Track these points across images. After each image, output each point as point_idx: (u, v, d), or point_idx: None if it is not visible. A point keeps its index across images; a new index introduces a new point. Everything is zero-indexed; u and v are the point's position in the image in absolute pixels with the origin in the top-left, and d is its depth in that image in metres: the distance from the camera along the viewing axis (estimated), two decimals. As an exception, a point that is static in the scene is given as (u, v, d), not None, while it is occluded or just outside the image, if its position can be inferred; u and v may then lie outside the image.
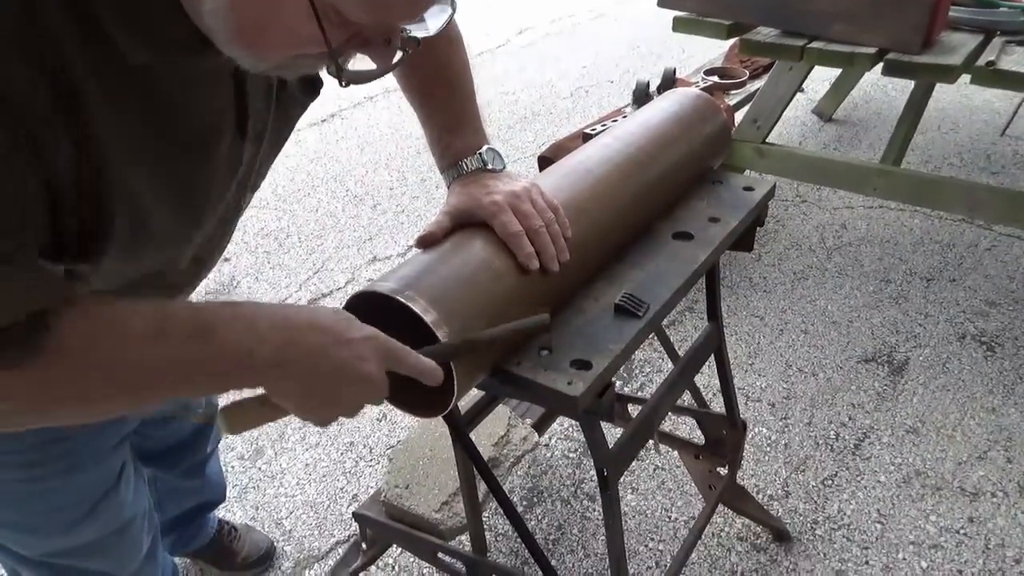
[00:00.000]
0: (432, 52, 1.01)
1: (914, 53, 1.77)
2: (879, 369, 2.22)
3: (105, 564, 1.11)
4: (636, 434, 1.18)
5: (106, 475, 1.04)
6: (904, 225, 2.93)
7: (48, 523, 1.01)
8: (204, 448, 1.45)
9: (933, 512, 1.78)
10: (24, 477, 0.94)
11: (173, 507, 1.52)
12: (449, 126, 1.01)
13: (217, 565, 1.68)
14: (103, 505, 1.04)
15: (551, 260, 0.92)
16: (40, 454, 0.93)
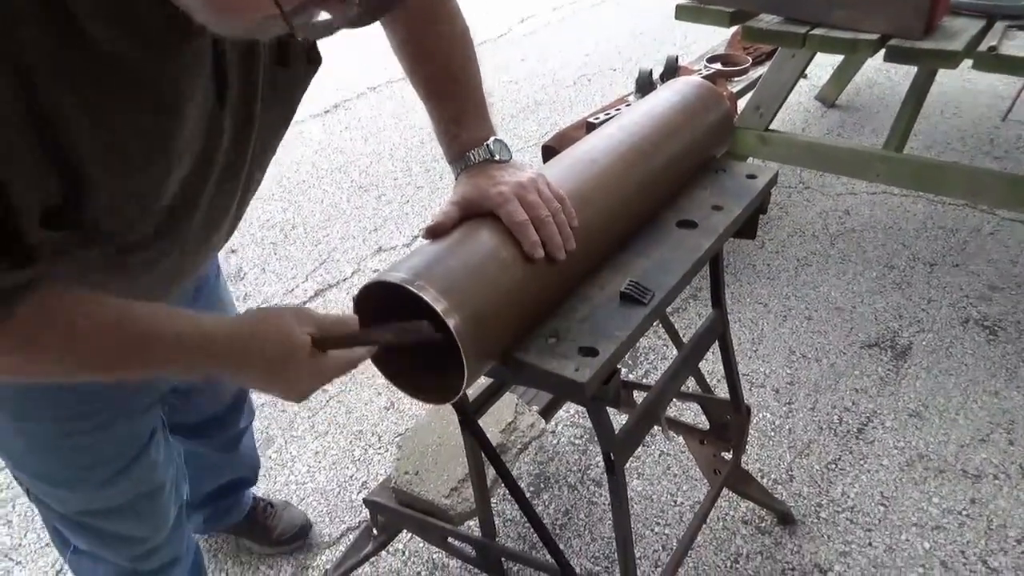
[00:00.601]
0: (438, 45, 1.03)
1: (916, 39, 1.78)
2: (882, 354, 2.24)
3: (136, 528, 1.16)
4: (642, 419, 1.20)
5: (137, 437, 1.09)
6: (907, 211, 2.94)
7: (81, 479, 1.05)
8: (237, 422, 1.50)
9: (936, 494, 1.80)
10: (59, 431, 0.99)
11: (209, 482, 1.57)
12: (455, 118, 1.02)
13: (255, 541, 1.74)
14: (135, 466, 1.09)
15: (557, 249, 0.93)
16: (73, 411, 0.98)
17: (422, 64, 1.03)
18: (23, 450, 1.02)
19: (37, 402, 0.96)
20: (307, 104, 4.05)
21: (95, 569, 1.20)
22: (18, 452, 1.03)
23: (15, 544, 1.81)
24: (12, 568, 1.76)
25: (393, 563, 1.71)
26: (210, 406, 1.40)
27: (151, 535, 1.19)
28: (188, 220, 0.82)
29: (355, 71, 4.49)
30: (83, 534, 1.14)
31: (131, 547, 1.18)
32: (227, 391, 1.41)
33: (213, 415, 1.43)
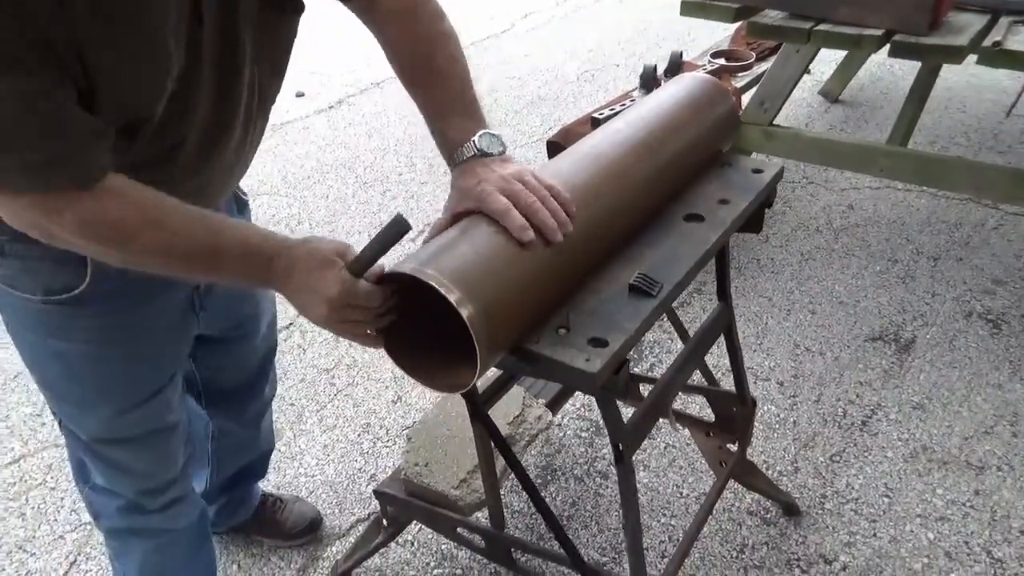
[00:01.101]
0: (420, 45, 1.06)
1: (920, 34, 1.78)
2: (886, 347, 2.25)
3: (147, 463, 1.24)
4: (650, 411, 1.22)
5: (158, 375, 1.16)
6: (911, 205, 2.95)
7: (104, 403, 1.13)
8: (263, 390, 1.56)
9: (940, 485, 1.81)
10: (88, 353, 1.07)
11: (231, 464, 1.62)
12: (440, 113, 1.05)
13: (266, 535, 1.77)
14: (152, 401, 1.16)
15: (553, 232, 0.93)
16: (104, 335, 1.06)
17: (407, 62, 1.07)
18: (57, 373, 1.11)
19: (73, 326, 1.03)
20: (312, 100, 4.07)
21: (108, 503, 1.29)
22: (54, 375, 1.11)
23: (29, 536, 1.84)
24: (27, 559, 1.78)
25: (402, 554, 1.73)
26: (239, 370, 1.46)
27: (159, 472, 1.27)
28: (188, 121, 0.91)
29: (359, 67, 4.51)
30: (101, 464, 1.22)
31: (142, 481, 1.26)
32: (254, 353, 1.46)
33: (244, 381, 1.49)
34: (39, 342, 1.07)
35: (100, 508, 1.32)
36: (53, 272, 0.98)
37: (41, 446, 2.08)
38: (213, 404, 1.49)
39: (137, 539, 1.35)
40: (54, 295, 1.00)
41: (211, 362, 1.39)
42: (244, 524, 1.75)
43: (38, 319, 1.04)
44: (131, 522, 1.32)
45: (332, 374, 2.29)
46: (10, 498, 1.94)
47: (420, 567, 1.70)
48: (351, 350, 2.37)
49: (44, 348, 1.08)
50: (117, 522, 1.32)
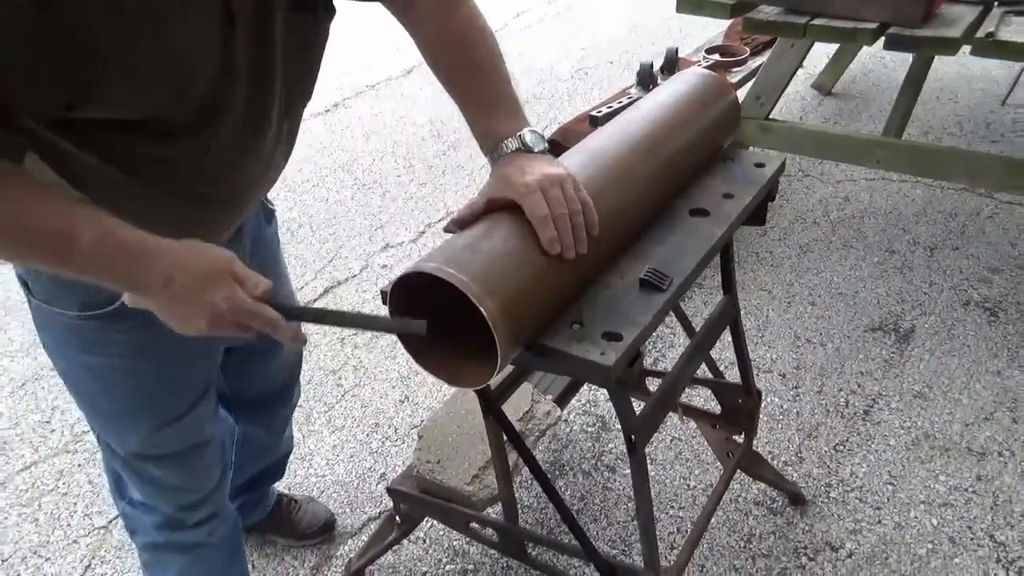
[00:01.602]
0: (459, 39, 1.07)
1: (915, 27, 1.81)
2: (886, 337, 2.28)
3: (185, 479, 1.25)
4: (660, 403, 1.24)
5: (192, 388, 1.17)
6: (906, 196, 2.98)
7: (140, 419, 1.14)
8: (291, 399, 1.58)
9: (942, 472, 1.84)
10: (122, 367, 1.08)
11: (250, 467, 1.64)
12: (484, 109, 1.05)
13: (280, 535, 1.79)
14: (188, 416, 1.17)
15: (567, 249, 0.95)
16: (138, 349, 1.07)
17: (446, 56, 1.07)
18: (93, 388, 1.12)
19: (106, 340, 1.05)
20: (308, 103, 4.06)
21: (144, 518, 1.29)
22: (90, 390, 1.12)
23: (43, 541, 1.85)
24: (42, 564, 1.79)
25: (415, 551, 1.75)
26: (268, 380, 1.48)
27: (196, 488, 1.27)
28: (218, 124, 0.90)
29: (355, 70, 4.52)
30: (139, 480, 1.23)
31: (180, 496, 1.26)
32: (282, 363, 1.48)
33: (273, 390, 1.51)
34: (75, 357, 1.08)
35: (137, 524, 1.33)
36: (92, 287, 0.96)
37: (52, 452, 2.10)
38: (242, 412, 1.49)
39: (173, 554, 1.35)
40: (90, 310, 1.01)
41: (240, 373, 1.40)
42: (259, 524, 1.77)
43: (74, 334, 1.05)
44: (168, 537, 1.31)
45: (339, 375, 2.31)
46: (23, 504, 1.95)
47: (432, 563, 1.72)
48: (357, 351, 2.39)
49: (80, 363, 1.09)
50: (154, 537, 1.32)
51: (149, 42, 0.78)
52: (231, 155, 0.96)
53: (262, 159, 1.02)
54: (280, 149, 1.05)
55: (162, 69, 0.80)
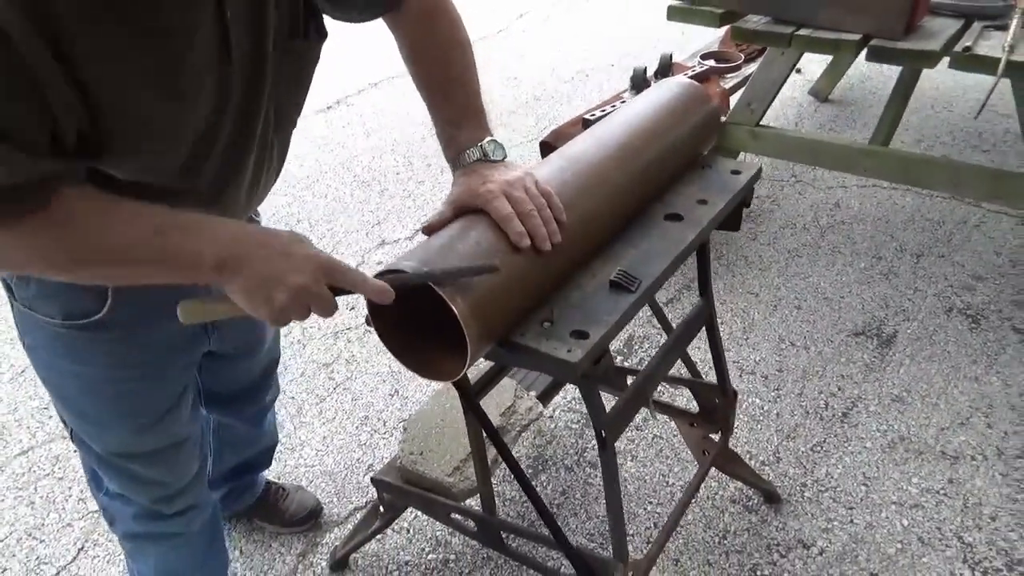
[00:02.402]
0: (439, 53, 1.12)
1: (897, 39, 1.85)
2: (868, 342, 2.32)
3: (161, 474, 1.28)
4: (632, 399, 1.29)
5: (172, 392, 1.21)
6: (896, 203, 3.02)
7: (121, 422, 1.18)
8: (264, 396, 1.61)
9: (915, 475, 1.89)
10: (108, 377, 1.12)
11: (231, 457, 1.68)
12: (453, 120, 1.11)
13: (268, 521, 1.84)
14: (166, 418, 1.21)
15: (543, 240, 1.00)
16: (123, 359, 1.10)
17: (425, 68, 1.13)
18: (75, 392, 1.15)
19: (90, 349, 1.08)
20: (310, 100, 4.11)
21: (123, 509, 1.33)
22: (71, 394, 1.15)
23: (38, 524, 1.90)
24: (36, 546, 1.85)
25: (398, 540, 1.80)
26: (240, 379, 1.51)
27: (173, 481, 1.31)
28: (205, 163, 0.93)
29: (356, 67, 4.57)
30: (116, 475, 1.26)
31: (157, 489, 1.29)
32: (257, 365, 1.51)
33: (244, 387, 1.54)
34: (57, 362, 1.11)
35: (115, 514, 1.37)
36: (74, 298, 1.02)
37: (48, 438, 2.15)
38: (213, 405, 1.52)
39: (152, 542, 1.40)
40: (74, 319, 1.04)
41: (213, 372, 1.43)
42: (247, 510, 1.82)
43: (58, 341, 1.07)
44: (146, 527, 1.35)
45: (331, 368, 2.36)
46: (19, 487, 2.00)
47: (415, 552, 1.77)
48: (350, 346, 2.44)
49: (61, 368, 1.12)
50: (132, 527, 1.36)
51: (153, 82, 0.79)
52: (219, 179, 0.98)
53: (248, 182, 1.04)
54: (268, 170, 1.08)
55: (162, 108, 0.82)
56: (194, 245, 0.84)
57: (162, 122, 0.84)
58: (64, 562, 1.81)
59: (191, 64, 0.82)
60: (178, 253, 0.84)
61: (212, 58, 0.85)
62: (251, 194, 1.08)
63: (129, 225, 0.82)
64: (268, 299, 0.85)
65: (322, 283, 0.87)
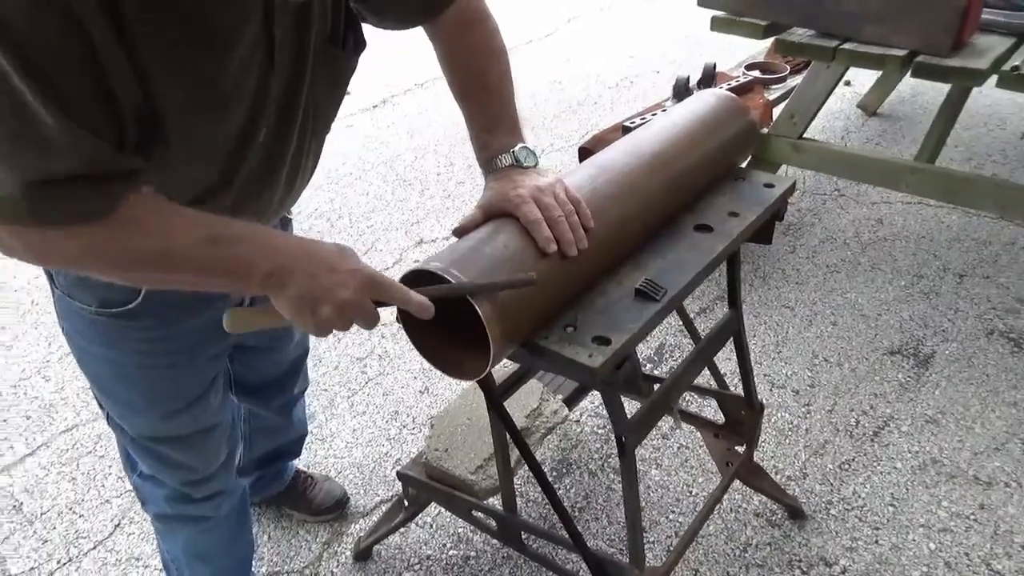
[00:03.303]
0: (475, 61, 1.15)
1: (943, 56, 1.83)
2: (904, 361, 2.29)
3: (191, 458, 1.33)
4: (654, 406, 1.30)
5: (201, 380, 1.24)
6: (941, 221, 2.96)
7: (152, 407, 1.22)
8: (292, 388, 1.65)
9: (946, 498, 1.86)
10: (140, 363, 1.15)
11: (262, 444, 1.73)
12: (487, 126, 1.15)
13: (296, 509, 1.89)
14: (196, 404, 1.24)
15: (569, 246, 1.03)
16: (155, 346, 1.14)
17: (461, 76, 1.16)
18: (109, 377, 1.19)
19: (123, 336, 1.12)
20: (357, 98, 4.20)
21: (155, 491, 1.38)
22: (105, 379, 1.20)
23: (79, 499, 1.98)
24: (76, 520, 1.93)
25: (421, 534, 1.83)
26: (270, 370, 1.55)
27: (203, 466, 1.35)
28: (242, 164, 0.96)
29: (403, 67, 4.63)
30: (148, 458, 1.31)
31: (186, 473, 1.34)
32: (286, 357, 1.56)
33: (273, 378, 1.58)
34: (92, 348, 1.15)
35: (147, 495, 1.41)
36: (109, 287, 1.04)
37: (92, 417, 2.23)
38: (241, 394, 1.56)
39: (182, 524, 1.44)
40: (108, 308, 1.07)
41: (244, 362, 1.47)
42: (276, 497, 1.87)
43: (92, 327, 1.11)
44: (177, 509, 1.40)
45: (364, 363, 2.40)
46: (63, 463, 2.09)
47: (437, 547, 1.80)
48: (383, 341, 2.48)
49: (96, 354, 1.16)
50: (164, 508, 1.41)
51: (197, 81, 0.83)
52: (253, 184, 1.01)
53: (282, 186, 1.07)
54: (303, 173, 1.11)
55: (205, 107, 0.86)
56: (245, 256, 0.86)
57: (204, 120, 0.87)
58: (101, 537, 1.88)
59: (235, 64, 0.85)
60: (230, 263, 0.86)
61: (256, 60, 0.88)
62: (285, 196, 1.11)
63: (187, 234, 0.84)
64: (314, 312, 0.87)
65: (367, 298, 0.89)
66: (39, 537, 1.89)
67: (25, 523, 1.93)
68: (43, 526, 1.92)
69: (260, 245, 0.87)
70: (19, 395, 2.32)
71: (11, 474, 2.07)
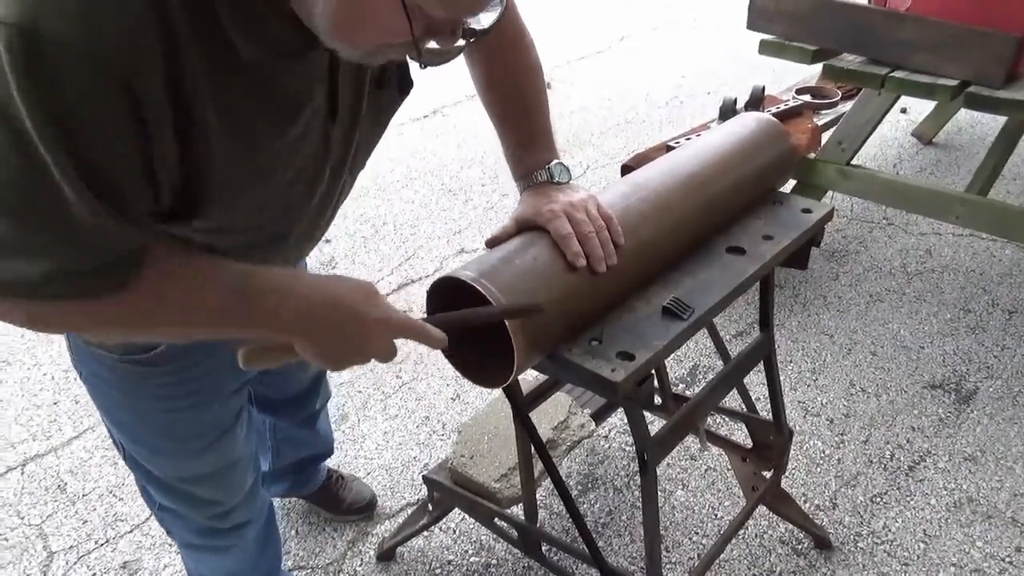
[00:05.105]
0: (513, 78, 1.18)
1: (996, 87, 1.80)
2: (945, 396, 2.24)
3: (216, 493, 1.31)
4: (678, 425, 1.30)
5: (227, 415, 1.23)
6: (993, 255, 2.89)
7: (179, 450, 1.20)
8: (314, 403, 1.66)
9: (980, 538, 1.81)
10: (161, 408, 1.14)
11: (290, 454, 1.75)
12: (522, 143, 1.17)
13: (326, 508, 1.92)
14: (223, 440, 1.23)
15: (598, 262, 1.04)
16: (174, 390, 1.13)
17: (497, 93, 1.19)
18: (130, 422, 1.17)
19: (144, 382, 1.10)
20: (409, 108, 4.24)
21: (177, 523, 1.36)
22: (125, 423, 1.18)
23: (119, 483, 2.06)
24: (115, 503, 2.00)
25: (444, 539, 1.85)
26: (291, 387, 1.56)
27: (228, 500, 1.33)
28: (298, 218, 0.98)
29: (454, 80, 4.70)
30: (171, 497, 1.28)
31: (211, 508, 1.31)
32: (306, 374, 1.57)
33: (293, 395, 1.59)
34: (112, 393, 1.13)
35: (171, 527, 1.40)
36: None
37: (137, 405, 2.31)
38: (262, 408, 1.57)
39: (209, 553, 1.43)
40: (132, 354, 1.05)
41: (264, 382, 1.47)
42: (310, 495, 1.91)
43: (113, 373, 1.09)
44: (203, 541, 1.39)
45: (399, 367, 2.44)
46: (106, 448, 2.17)
47: (459, 552, 1.82)
48: (418, 347, 2.52)
49: (120, 405, 1.14)
50: (190, 539, 1.39)
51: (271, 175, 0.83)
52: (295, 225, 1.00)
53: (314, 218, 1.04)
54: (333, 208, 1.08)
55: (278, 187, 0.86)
56: (271, 307, 0.83)
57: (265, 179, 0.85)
58: (138, 521, 1.95)
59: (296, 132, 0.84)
60: (255, 317, 0.84)
61: (322, 124, 0.88)
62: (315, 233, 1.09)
63: (210, 291, 0.81)
64: (338, 362, 0.88)
65: (390, 343, 0.89)
66: (80, 517, 1.97)
67: (68, 503, 2.01)
68: (84, 507, 1.99)
69: (284, 295, 0.84)
70: (70, 379, 2.42)
71: (58, 455, 2.16)
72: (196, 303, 0.82)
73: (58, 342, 2.59)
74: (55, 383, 2.42)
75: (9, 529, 1.94)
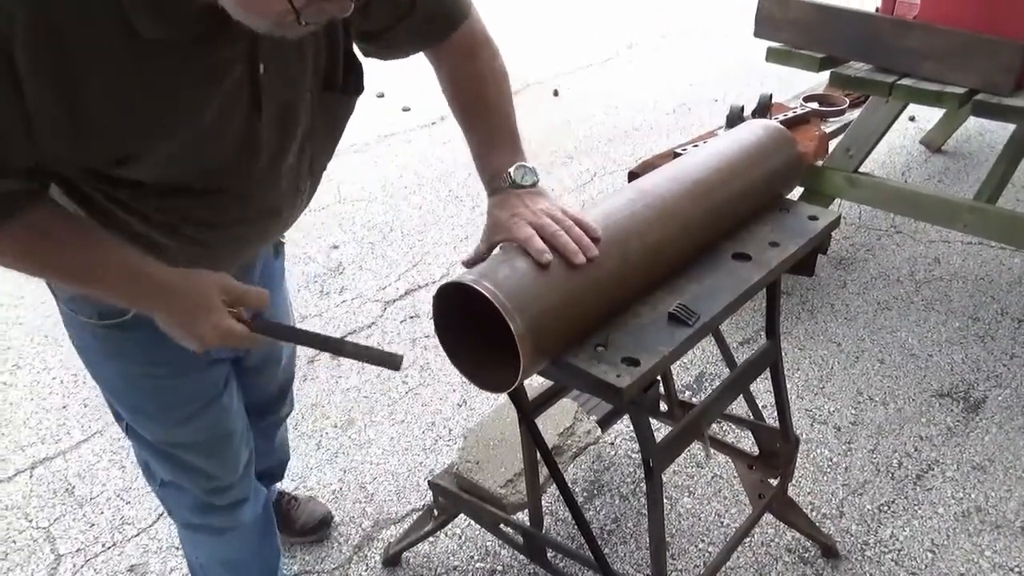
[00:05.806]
0: (476, 80, 1.19)
1: (1004, 95, 1.80)
2: (953, 405, 2.23)
3: (210, 465, 1.33)
4: (683, 432, 1.30)
5: (211, 384, 1.26)
6: (1003, 264, 2.88)
7: (166, 414, 1.24)
8: (279, 410, 1.67)
9: (989, 548, 1.80)
10: (143, 372, 1.19)
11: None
12: (484, 140, 1.19)
13: (278, 530, 1.88)
14: (209, 409, 1.26)
15: (573, 254, 1.03)
16: (153, 355, 1.16)
17: (462, 94, 1.20)
18: (119, 385, 1.23)
19: (124, 347, 1.16)
20: (417, 115, 4.28)
21: (178, 499, 1.39)
22: (115, 386, 1.23)
23: (127, 486, 2.06)
24: (122, 507, 2.00)
25: (450, 545, 1.85)
26: (257, 394, 1.55)
27: (223, 475, 1.35)
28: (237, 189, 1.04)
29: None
30: (167, 464, 1.31)
31: (206, 481, 1.34)
32: (274, 381, 1.59)
33: (261, 400, 1.59)
34: (99, 359, 1.19)
35: (172, 505, 1.42)
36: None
37: (145, 409, 2.32)
38: None
39: (207, 534, 1.45)
40: (108, 318, 1.11)
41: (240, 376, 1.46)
42: None
43: (96, 338, 1.15)
44: (202, 519, 1.40)
45: (406, 373, 2.45)
46: (114, 451, 2.18)
47: (464, 558, 1.82)
48: (425, 353, 2.53)
49: (105, 364, 1.20)
50: (189, 518, 1.41)
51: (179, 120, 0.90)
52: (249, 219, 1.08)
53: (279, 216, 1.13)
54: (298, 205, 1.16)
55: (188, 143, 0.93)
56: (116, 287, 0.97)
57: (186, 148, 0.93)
58: (144, 525, 1.96)
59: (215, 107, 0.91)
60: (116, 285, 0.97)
61: (240, 107, 0.94)
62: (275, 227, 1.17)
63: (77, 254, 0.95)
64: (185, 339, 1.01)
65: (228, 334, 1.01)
66: (87, 520, 1.98)
67: (75, 506, 2.02)
68: (92, 510, 2.00)
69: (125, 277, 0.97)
70: (79, 383, 2.43)
71: (66, 458, 2.17)
72: (56, 263, 0.95)
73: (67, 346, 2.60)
74: (64, 387, 2.44)
75: (17, 532, 1.95)
